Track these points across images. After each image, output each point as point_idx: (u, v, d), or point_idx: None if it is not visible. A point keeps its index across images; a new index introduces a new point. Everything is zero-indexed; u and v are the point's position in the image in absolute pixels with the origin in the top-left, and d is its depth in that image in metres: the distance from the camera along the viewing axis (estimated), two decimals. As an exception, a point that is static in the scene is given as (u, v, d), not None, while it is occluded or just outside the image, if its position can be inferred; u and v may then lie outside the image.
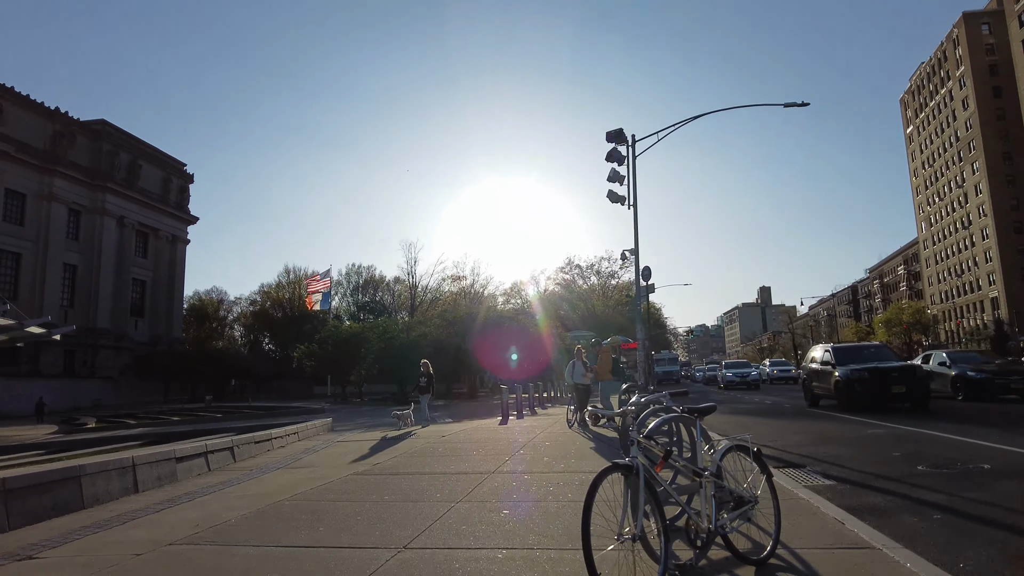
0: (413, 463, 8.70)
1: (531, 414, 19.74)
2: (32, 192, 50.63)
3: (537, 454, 9.10)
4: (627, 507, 3.69)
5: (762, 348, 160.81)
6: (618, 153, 19.04)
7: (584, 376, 13.68)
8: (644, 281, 19.09)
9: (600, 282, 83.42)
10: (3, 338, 24.51)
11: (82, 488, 6.32)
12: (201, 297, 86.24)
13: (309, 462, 9.48)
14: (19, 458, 14.17)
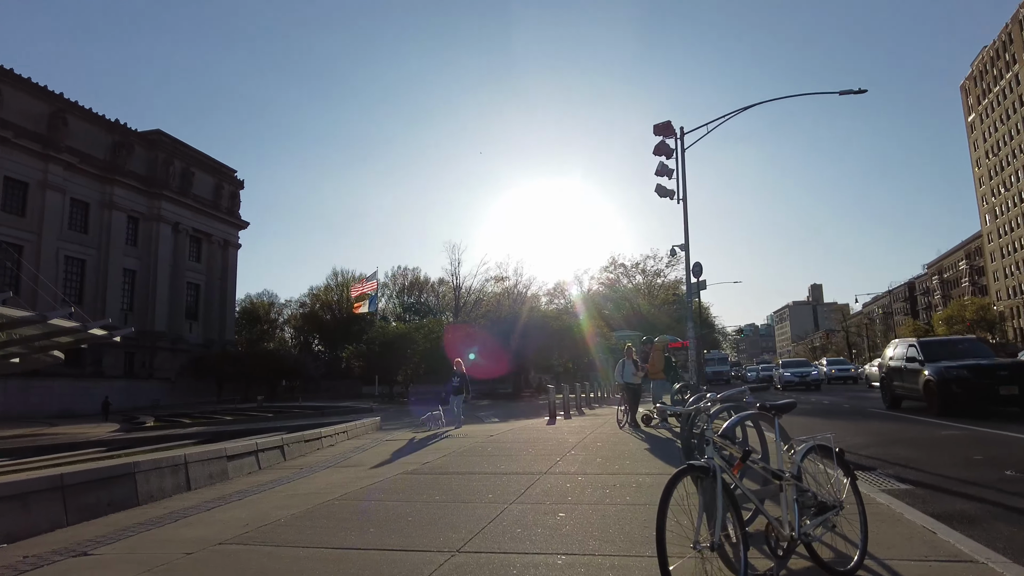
0: (462, 462, 8.50)
1: (579, 414, 19.38)
2: (95, 201, 52.89)
3: (589, 455, 8.77)
4: (702, 513, 3.36)
5: (814, 347, 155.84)
6: (666, 146, 18.54)
7: (634, 376, 13.25)
8: (695, 278, 18.50)
9: (646, 281, 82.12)
10: (69, 340, 25.52)
11: (136, 485, 6.33)
12: (252, 300, 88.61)
13: (358, 461, 9.39)
14: (83, 455, 14.62)
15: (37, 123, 48.97)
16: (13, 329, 21.34)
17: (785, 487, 3.71)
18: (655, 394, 13.03)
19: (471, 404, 31.56)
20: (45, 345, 25.39)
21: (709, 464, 3.36)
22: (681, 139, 18.89)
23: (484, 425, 16.35)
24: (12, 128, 46.95)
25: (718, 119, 18.72)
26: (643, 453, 8.93)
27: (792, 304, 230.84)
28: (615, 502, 5.81)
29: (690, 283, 18.45)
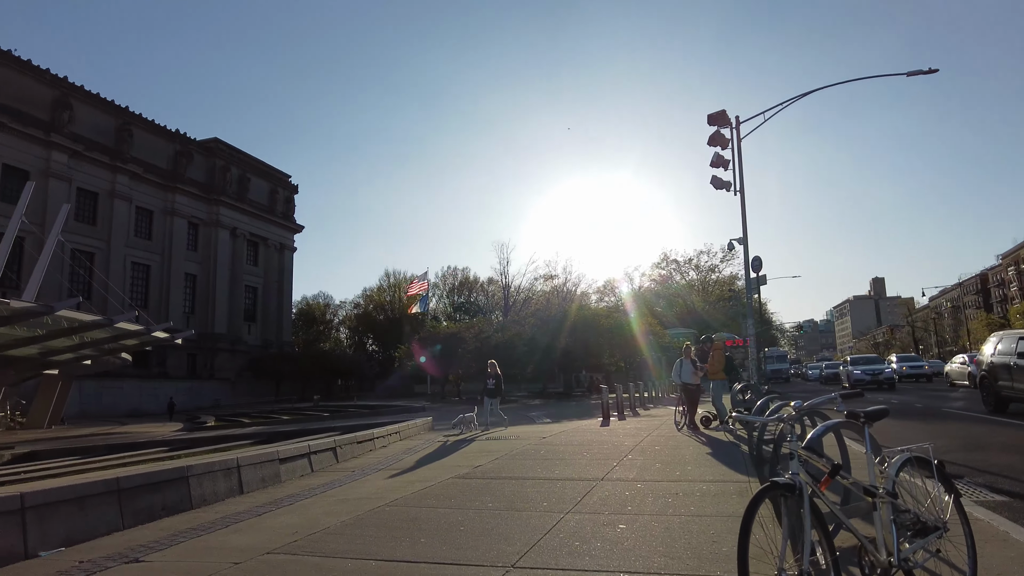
0: (515, 466, 8.23)
1: (633, 415, 18.87)
2: (158, 208, 55.14)
3: (648, 460, 8.37)
4: (787, 536, 2.98)
5: (876, 343, 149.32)
6: (721, 136, 17.86)
7: (693, 376, 12.70)
8: (754, 272, 17.71)
9: (700, 277, 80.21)
10: (134, 342, 26.59)
11: (190, 489, 6.32)
12: (309, 302, 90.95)
13: (409, 465, 9.25)
14: (146, 454, 15.07)
15: (105, 136, 51.37)
16: (85, 332, 22.30)
17: (879, 505, 3.28)
18: (715, 395, 12.47)
19: (523, 404, 31.47)
20: (113, 348, 26.50)
21: (795, 481, 2.97)
22: (737, 128, 18.15)
23: (536, 426, 16.03)
24: (83, 141, 49.40)
25: (776, 106, 17.91)
26: (705, 458, 8.47)
27: (853, 299, 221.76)
28: (679, 512, 5.43)
29: (749, 278, 17.68)
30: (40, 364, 26.17)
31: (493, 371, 15.88)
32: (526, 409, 26.30)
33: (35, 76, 47.48)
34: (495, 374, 15.78)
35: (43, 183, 45.37)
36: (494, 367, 16.08)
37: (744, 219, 17.77)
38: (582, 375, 46.58)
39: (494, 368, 16.02)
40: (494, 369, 15.96)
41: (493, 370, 15.93)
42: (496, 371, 15.89)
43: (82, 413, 42.42)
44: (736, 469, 7.37)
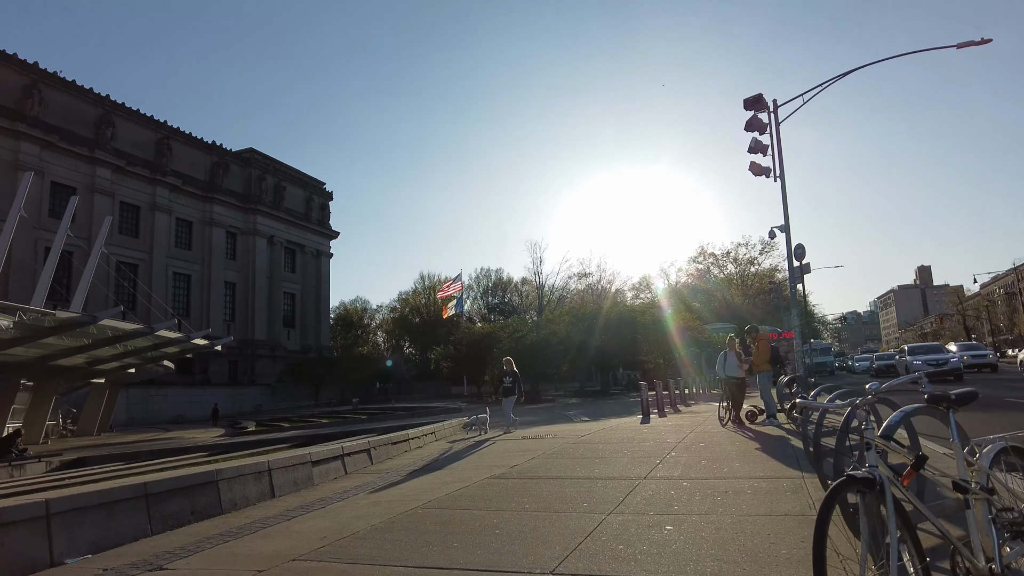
0: (553, 466, 7.89)
1: (674, 412, 18.32)
2: (197, 219, 56.44)
3: (693, 457, 7.93)
4: (868, 539, 2.58)
5: (924, 334, 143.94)
6: (758, 121, 17.21)
7: (739, 369, 12.13)
8: (797, 260, 16.99)
9: (738, 270, 78.51)
10: (175, 350, 27.10)
11: (220, 493, 6.17)
12: (347, 307, 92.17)
13: (445, 466, 9.01)
14: (188, 459, 15.19)
15: (146, 150, 52.83)
16: (127, 341, 22.78)
17: (973, 503, 2.84)
18: (762, 387, 11.87)
19: (559, 403, 31.10)
20: (156, 356, 27.06)
21: (874, 475, 2.57)
22: (775, 112, 17.47)
23: (573, 425, 15.63)
24: (125, 157, 50.86)
25: (816, 87, 17.14)
26: (754, 454, 7.98)
27: (897, 288, 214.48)
28: (729, 512, 5.02)
29: (792, 267, 16.96)
30: (87, 373, 26.87)
31: (509, 368, 15.08)
32: (563, 408, 25.92)
33: (79, 96, 49.09)
34: (511, 372, 14.94)
35: (88, 198, 46.87)
36: (510, 364, 15.31)
37: (785, 206, 17.08)
38: (619, 373, 45.89)
39: (510, 365, 15.23)
40: (510, 367, 15.14)
41: (509, 367, 15.14)
42: (512, 368, 15.06)
43: (129, 420, 43.63)
44: (788, 464, 6.89)
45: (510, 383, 14.67)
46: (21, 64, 45.22)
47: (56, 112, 46.70)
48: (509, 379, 14.72)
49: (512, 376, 14.79)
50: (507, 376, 14.86)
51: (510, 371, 14.92)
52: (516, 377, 14.85)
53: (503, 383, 14.86)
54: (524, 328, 42.42)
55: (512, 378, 14.75)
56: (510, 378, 14.72)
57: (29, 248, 41.99)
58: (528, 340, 38.21)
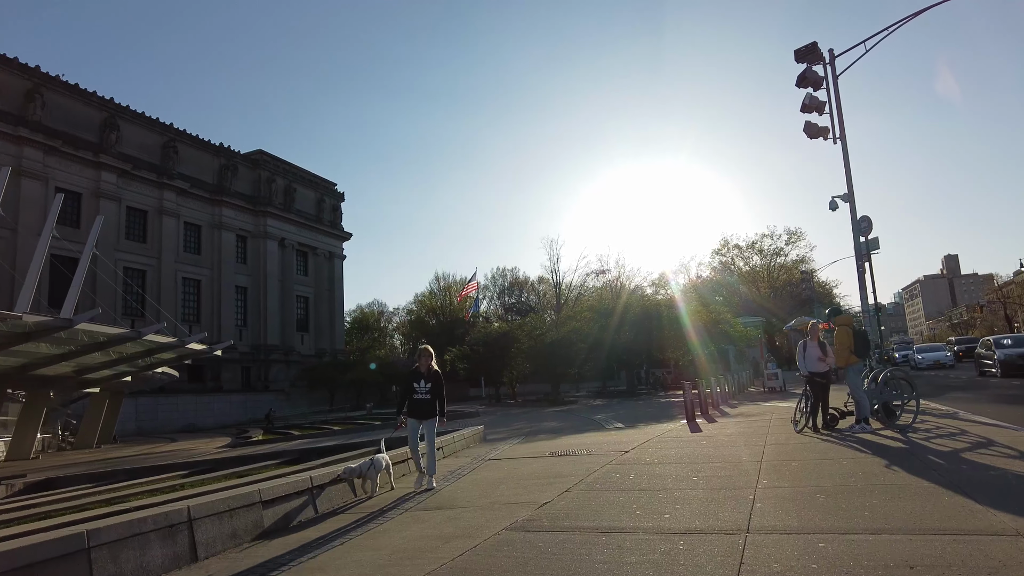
0: (599, 506, 5.62)
1: (720, 414, 16.00)
2: (205, 223, 54.95)
3: (795, 485, 5.64)
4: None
5: (953, 324, 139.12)
6: (813, 75, 14.85)
7: (820, 362, 9.77)
8: (863, 236, 14.56)
9: (764, 263, 75.86)
10: (171, 355, 25.27)
11: (92, 570, 4.02)
12: (363, 310, 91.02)
13: (450, 497, 6.80)
14: (160, 480, 13.21)
15: (151, 154, 51.44)
16: (114, 347, 20.97)
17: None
18: (852, 383, 9.47)
19: (584, 405, 28.73)
20: (151, 363, 25.27)
21: None
22: (832, 64, 15.06)
23: (608, 434, 13.25)
24: (131, 160, 49.49)
25: (880, 32, 14.65)
26: (888, 477, 5.66)
27: (923, 278, 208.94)
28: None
29: (858, 243, 14.52)
30: (78, 383, 25.18)
31: (426, 366, 8.02)
32: (589, 411, 23.58)
33: (83, 99, 47.80)
34: (430, 372, 7.99)
35: (94, 204, 45.53)
36: (427, 358, 8.08)
37: (848, 171, 14.67)
38: (644, 371, 43.42)
39: (427, 360, 8.08)
40: (427, 362, 8.05)
41: (426, 364, 8.03)
42: (431, 367, 8.05)
43: (139, 430, 42.15)
44: (974, 498, 4.58)
45: (427, 392, 7.84)
46: (23, 68, 43.98)
47: (59, 116, 45.41)
48: (426, 386, 7.86)
49: (431, 379, 7.93)
50: (422, 380, 7.95)
51: (426, 371, 7.97)
52: (438, 381, 7.98)
53: (414, 392, 7.93)
54: (542, 326, 40.17)
55: (432, 383, 7.91)
56: (427, 384, 7.87)
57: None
58: (548, 338, 35.95)
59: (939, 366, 31.73)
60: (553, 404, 31.75)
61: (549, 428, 16.68)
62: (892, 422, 9.51)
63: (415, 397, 7.86)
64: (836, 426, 10.00)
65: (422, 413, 7.83)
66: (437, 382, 7.95)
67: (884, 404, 9.76)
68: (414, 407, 7.85)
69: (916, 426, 8.97)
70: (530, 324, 40.57)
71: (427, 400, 7.81)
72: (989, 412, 10.55)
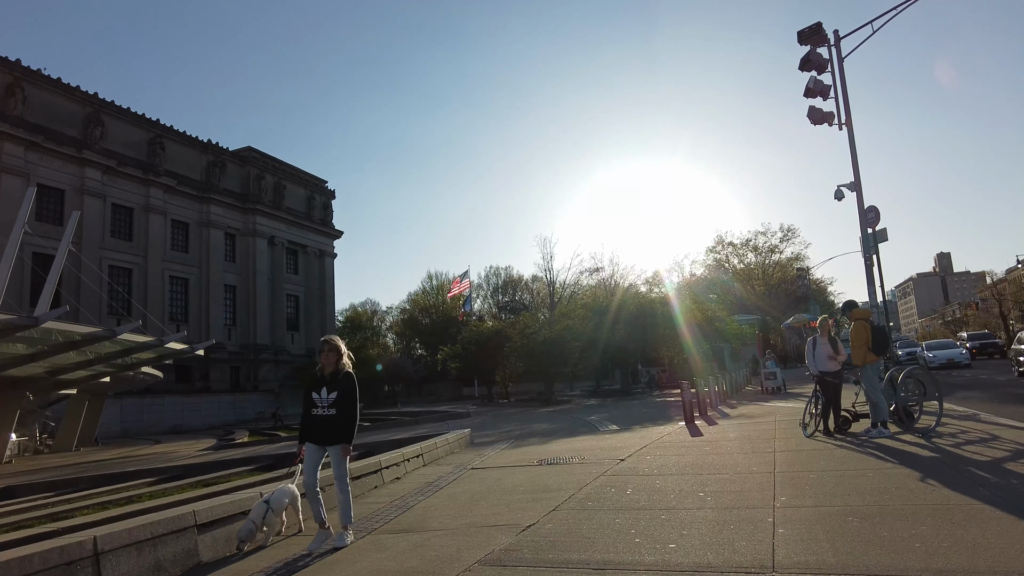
0: (591, 529, 4.79)
1: (720, 415, 15.23)
2: (193, 220, 53.92)
3: (820, 505, 4.85)
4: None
5: (946, 322, 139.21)
6: (818, 57, 14.06)
7: (832, 360, 8.99)
8: (871, 227, 13.79)
9: (758, 260, 75.40)
10: (151, 355, 24.35)
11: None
12: (356, 309, 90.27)
13: (420, 519, 5.95)
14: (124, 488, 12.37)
15: (137, 150, 50.37)
16: (87, 346, 20.05)
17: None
18: (868, 384, 8.66)
19: (577, 404, 27.90)
20: (130, 363, 24.34)
21: None
22: (836, 46, 14.28)
23: (602, 437, 12.43)
24: (116, 157, 48.42)
25: (888, 12, 13.88)
26: (927, 494, 4.87)
27: (916, 276, 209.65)
28: None
29: (867, 235, 13.74)
30: (53, 384, 24.21)
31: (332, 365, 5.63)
32: (583, 411, 22.79)
33: (66, 94, 46.66)
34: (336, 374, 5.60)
35: (78, 201, 44.45)
36: (331, 352, 5.66)
37: (855, 158, 13.89)
38: (638, 370, 42.73)
39: (332, 355, 5.65)
40: (332, 358, 5.64)
41: (331, 363, 5.63)
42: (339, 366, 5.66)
43: (124, 432, 41.17)
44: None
45: (328, 406, 5.43)
46: (2, 61, 42.85)
47: (41, 111, 44.29)
48: (328, 396, 5.47)
49: (338, 387, 5.53)
50: (323, 387, 5.55)
51: (333, 374, 5.61)
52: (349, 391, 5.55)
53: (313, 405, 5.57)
54: (535, 324, 39.36)
55: (337, 393, 5.49)
56: (331, 393, 5.49)
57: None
58: (541, 336, 35.14)
59: (952, 365, 29.62)
60: (546, 404, 30.98)
61: (540, 431, 15.88)
62: (911, 425, 8.75)
63: (314, 413, 5.34)
64: (849, 429, 9.24)
65: (324, 435, 5.27)
66: (346, 389, 5.36)
67: (902, 406, 8.99)
68: (311, 427, 5.31)
69: (939, 430, 8.20)
70: (523, 322, 39.75)
71: (331, 418, 5.26)
72: (1008, 413, 9.83)
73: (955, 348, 33.37)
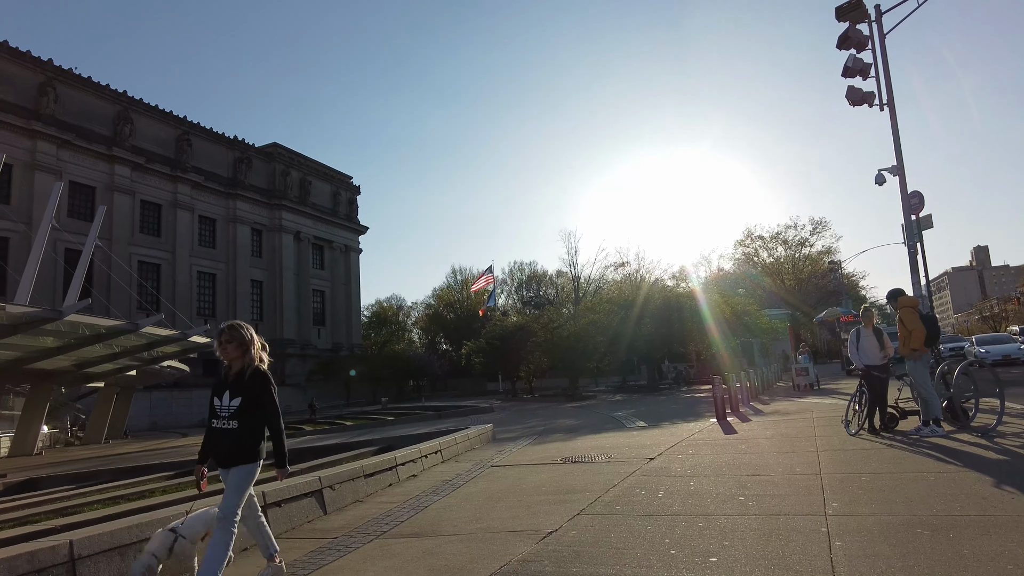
0: (621, 540, 4.28)
1: (753, 412, 14.58)
2: (220, 216, 54.50)
3: (881, 513, 4.30)
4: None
5: (984, 317, 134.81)
6: (857, 34, 13.29)
7: (880, 354, 8.33)
8: (914, 214, 12.99)
9: (788, 254, 73.66)
10: (175, 349, 24.45)
11: None
12: (382, 304, 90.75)
13: (433, 521, 5.53)
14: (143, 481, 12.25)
15: (165, 147, 51.05)
16: (112, 339, 20.13)
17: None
18: (919, 378, 7.97)
19: (602, 400, 27.31)
20: (154, 356, 24.46)
21: None
22: (878, 22, 13.50)
23: (629, 434, 11.88)
24: (145, 154, 49.11)
25: (934, -16, 13.07)
26: (1007, 502, 4.28)
27: (951, 271, 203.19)
28: None
29: (909, 221, 12.95)
30: (81, 377, 24.46)
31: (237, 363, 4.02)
32: (608, 407, 22.23)
33: (96, 92, 47.41)
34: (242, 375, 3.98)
35: (108, 197, 45.15)
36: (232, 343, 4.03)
37: (897, 141, 13.11)
38: (665, 366, 41.89)
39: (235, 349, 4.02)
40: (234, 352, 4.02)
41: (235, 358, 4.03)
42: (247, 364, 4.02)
43: (153, 424, 41.80)
44: None
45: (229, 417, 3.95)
46: (35, 61, 43.65)
47: (72, 110, 45.11)
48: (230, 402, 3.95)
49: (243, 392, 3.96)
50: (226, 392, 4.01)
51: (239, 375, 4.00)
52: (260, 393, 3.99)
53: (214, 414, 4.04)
54: (559, 318, 38.78)
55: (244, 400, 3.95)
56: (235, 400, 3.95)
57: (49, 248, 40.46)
58: (565, 331, 34.56)
59: (1010, 362, 27.98)
60: (571, 399, 30.45)
61: (565, 427, 15.40)
62: (967, 424, 8.07)
63: (214, 425, 3.96)
64: (895, 427, 8.59)
65: (221, 454, 3.92)
66: (255, 394, 3.92)
67: (955, 402, 8.30)
68: (212, 442, 4.01)
69: (1000, 429, 7.52)
70: (547, 317, 39.23)
71: (231, 431, 3.87)
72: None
73: (1012, 343, 31.39)
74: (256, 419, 3.94)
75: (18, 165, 41.12)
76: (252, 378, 3.96)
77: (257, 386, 3.96)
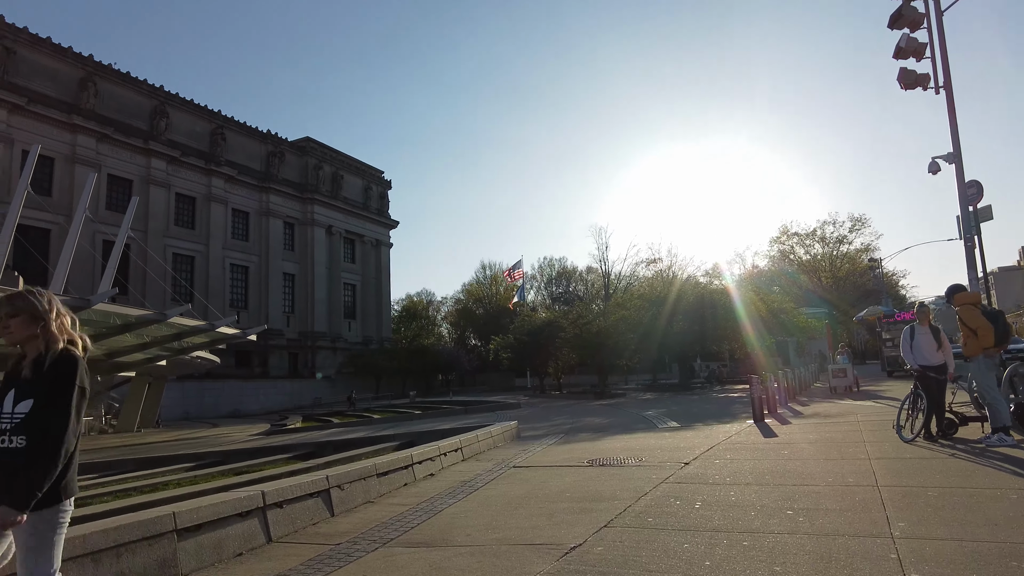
0: (653, 561, 3.71)
1: (791, 413, 13.84)
2: (253, 210, 55.12)
3: (962, 539, 3.71)
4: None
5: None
6: (911, 11, 12.40)
7: (937, 353, 7.61)
8: (972, 205, 12.09)
9: (826, 251, 71.57)
10: (204, 339, 24.59)
11: None
12: (412, 299, 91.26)
13: (445, 529, 5.07)
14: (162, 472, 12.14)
15: (200, 141, 51.79)
16: (141, 328, 20.28)
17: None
18: (982, 381, 7.19)
19: (633, 399, 26.53)
20: (183, 347, 24.65)
21: None
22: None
23: (661, 435, 11.29)
24: (180, 147, 49.88)
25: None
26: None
27: (998, 270, 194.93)
28: None
29: (967, 212, 12.06)
30: (112, 366, 24.77)
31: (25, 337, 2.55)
32: (638, 406, 21.60)
33: (134, 87, 48.28)
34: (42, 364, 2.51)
35: (144, 190, 46.00)
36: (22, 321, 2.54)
37: (954, 127, 12.20)
38: (696, 364, 40.96)
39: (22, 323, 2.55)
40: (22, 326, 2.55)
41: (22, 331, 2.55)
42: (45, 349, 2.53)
43: (185, 414, 42.44)
44: None
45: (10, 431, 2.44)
46: (76, 57, 44.64)
47: (111, 104, 46.01)
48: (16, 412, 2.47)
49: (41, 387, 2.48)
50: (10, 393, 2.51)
51: (37, 365, 2.51)
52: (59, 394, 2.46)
53: None
54: (589, 314, 38.12)
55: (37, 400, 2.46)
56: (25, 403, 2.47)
57: (87, 241, 41.34)
58: (594, 327, 33.91)
59: None
60: (600, 397, 29.85)
61: (593, 425, 14.86)
62: (1039, 432, 7.31)
63: None
64: (954, 434, 7.86)
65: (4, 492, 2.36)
66: (53, 390, 2.47)
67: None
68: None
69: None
70: (576, 312, 38.60)
71: (11, 451, 2.42)
72: None
73: None
74: (43, 430, 2.43)
75: (59, 159, 42.08)
76: (54, 367, 2.50)
77: (59, 379, 2.49)
